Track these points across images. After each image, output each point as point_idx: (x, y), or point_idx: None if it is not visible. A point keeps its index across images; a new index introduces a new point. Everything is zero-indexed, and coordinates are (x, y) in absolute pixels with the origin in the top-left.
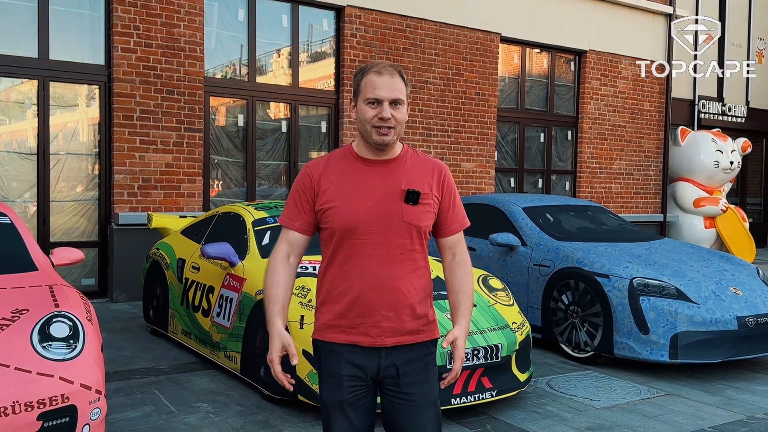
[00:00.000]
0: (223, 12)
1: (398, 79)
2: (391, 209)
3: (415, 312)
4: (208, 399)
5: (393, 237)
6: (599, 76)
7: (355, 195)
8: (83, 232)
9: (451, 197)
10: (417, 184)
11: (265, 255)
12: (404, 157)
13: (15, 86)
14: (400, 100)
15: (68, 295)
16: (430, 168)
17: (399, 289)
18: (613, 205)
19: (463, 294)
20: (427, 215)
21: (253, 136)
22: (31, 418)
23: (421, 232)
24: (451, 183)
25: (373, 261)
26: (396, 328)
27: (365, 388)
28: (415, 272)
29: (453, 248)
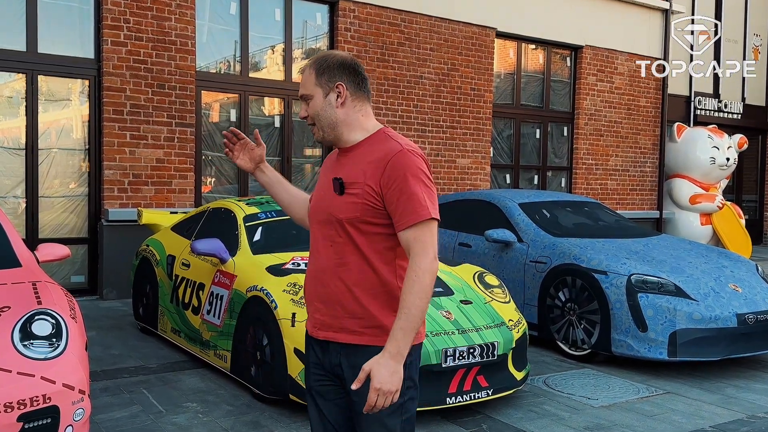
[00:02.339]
0: (215, 5)
1: (307, 73)
2: (324, 200)
3: (347, 310)
4: (198, 398)
5: (324, 229)
6: (595, 72)
7: (317, 187)
8: (73, 228)
9: (395, 185)
10: (350, 173)
11: (257, 251)
12: (364, 145)
13: (3, 80)
14: (306, 96)
15: (52, 292)
16: (378, 153)
17: (328, 283)
18: (609, 201)
19: (400, 308)
20: (352, 206)
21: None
22: (11, 420)
23: (348, 224)
24: (397, 168)
25: (313, 252)
26: (327, 322)
27: (327, 381)
28: (351, 268)
29: (407, 248)
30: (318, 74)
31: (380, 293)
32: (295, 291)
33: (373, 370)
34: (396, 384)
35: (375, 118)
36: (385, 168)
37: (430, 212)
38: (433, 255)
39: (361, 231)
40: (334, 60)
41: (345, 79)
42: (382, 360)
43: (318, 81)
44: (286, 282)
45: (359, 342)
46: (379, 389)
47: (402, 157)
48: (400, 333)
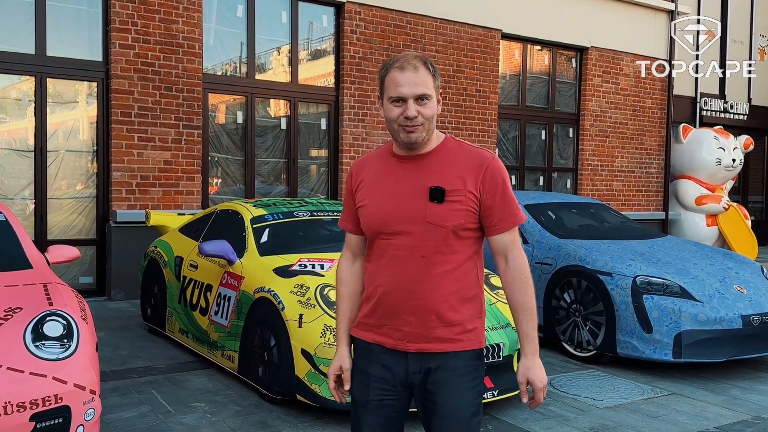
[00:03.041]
0: (222, 8)
1: (423, 72)
2: (415, 209)
3: (443, 319)
4: (206, 399)
5: (418, 238)
6: (601, 73)
7: (382, 195)
8: (81, 229)
9: (495, 191)
10: (447, 180)
11: (264, 253)
12: (441, 151)
13: (12, 83)
14: (426, 95)
15: (63, 294)
16: (470, 160)
17: (423, 294)
18: (615, 202)
19: (524, 311)
20: (456, 214)
21: (253, 134)
22: (23, 419)
23: (452, 233)
24: (495, 175)
25: (397, 262)
26: (419, 333)
27: (393, 394)
28: (445, 276)
29: (504, 251)
30: (434, 77)
31: (471, 297)
32: (302, 292)
33: (531, 375)
34: (546, 376)
35: None
36: (484, 174)
37: (524, 216)
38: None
39: (460, 237)
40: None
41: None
42: (533, 362)
43: (435, 84)
44: (293, 283)
45: (455, 349)
46: (543, 387)
47: (497, 163)
48: (533, 332)
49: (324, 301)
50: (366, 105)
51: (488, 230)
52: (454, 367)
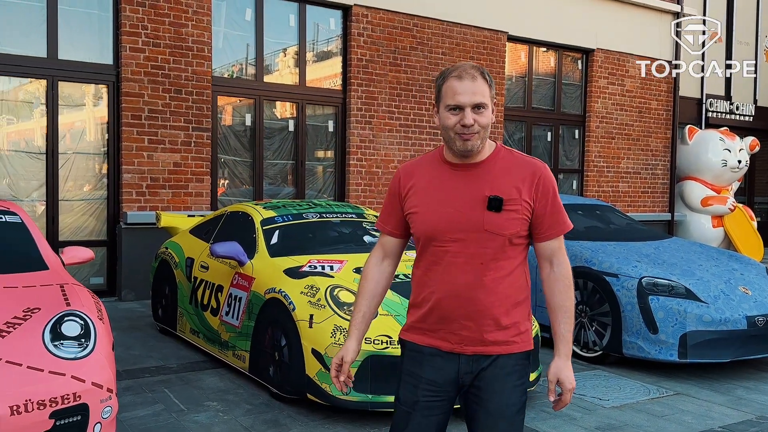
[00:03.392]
0: (231, 11)
1: (480, 82)
2: (472, 217)
3: (499, 323)
4: (218, 397)
5: (475, 246)
6: (607, 75)
7: (436, 201)
8: (92, 231)
9: (546, 200)
10: (503, 189)
11: (274, 254)
12: (494, 160)
13: (24, 86)
14: (483, 104)
15: (79, 294)
16: (524, 169)
17: (479, 299)
18: (621, 204)
19: (563, 313)
20: (513, 222)
21: (261, 136)
22: (43, 417)
23: (507, 241)
24: (547, 185)
25: (454, 269)
26: (476, 338)
27: (441, 395)
28: (500, 281)
29: (550, 257)
30: (490, 87)
31: (523, 301)
32: (312, 293)
33: (562, 376)
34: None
35: None
36: (538, 184)
37: (571, 223)
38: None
39: (514, 244)
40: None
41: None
42: (564, 363)
43: (491, 93)
44: (303, 284)
45: (509, 351)
46: (572, 389)
47: (549, 173)
48: (569, 335)
49: (334, 301)
50: (373, 107)
51: (537, 237)
52: (504, 365)
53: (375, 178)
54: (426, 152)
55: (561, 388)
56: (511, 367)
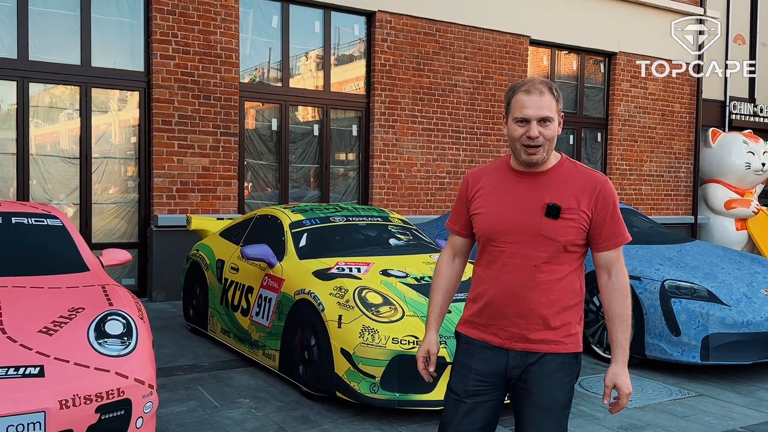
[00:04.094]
0: (258, 19)
1: (547, 97)
2: (530, 222)
3: (548, 323)
4: (249, 395)
5: (530, 249)
6: (629, 78)
7: (499, 205)
8: (124, 233)
9: (606, 212)
10: (563, 198)
11: (303, 256)
12: (557, 170)
13: (58, 92)
14: (549, 118)
15: (120, 295)
16: (585, 181)
17: (530, 299)
18: (644, 207)
19: (620, 322)
20: (568, 230)
21: (286, 140)
22: (90, 411)
23: (562, 247)
24: (607, 198)
25: (509, 269)
26: (524, 335)
27: (488, 386)
28: (552, 284)
29: (608, 267)
30: (557, 101)
31: (575, 305)
32: (341, 294)
33: (618, 381)
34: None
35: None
36: (597, 196)
37: (629, 235)
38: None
39: (568, 251)
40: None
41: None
42: (621, 369)
43: (557, 107)
44: (332, 286)
45: (557, 351)
46: (628, 393)
47: (610, 186)
48: (627, 343)
49: (362, 302)
50: (396, 111)
51: (595, 247)
52: (551, 362)
53: (398, 181)
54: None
55: (618, 392)
56: (557, 364)
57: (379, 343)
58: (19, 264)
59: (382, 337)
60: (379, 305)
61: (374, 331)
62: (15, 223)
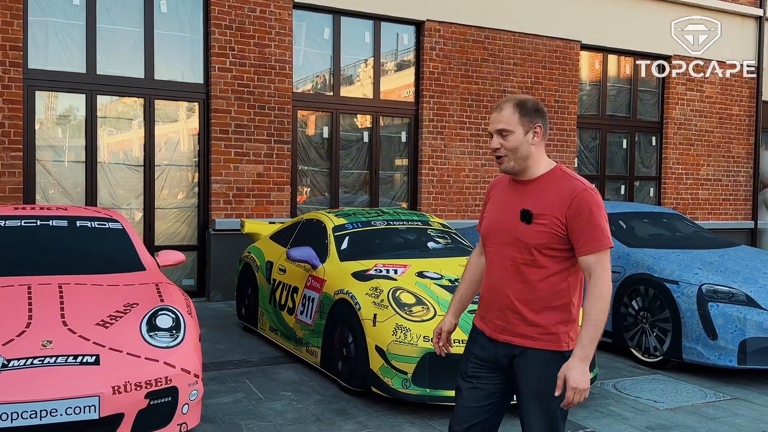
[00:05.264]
0: (310, 31)
1: (506, 112)
2: (509, 226)
3: (525, 319)
4: (292, 389)
5: (508, 250)
6: (685, 81)
7: (494, 211)
8: (184, 236)
9: (580, 219)
10: (540, 205)
11: (344, 258)
12: (544, 179)
13: (124, 104)
14: (505, 130)
15: (171, 292)
16: (563, 190)
17: (507, 295)
18: (701, 211)
19: (587, 321)
20: (540, 234)
21: (337, 147)
22: (140, 396)
23: (535, 249)
24: (581, 205)
25: (494, 268)
26: (506, 328)
27: (484, 370)
28: (532, 284)
29: (588, 270)
30: (522, 115)
31: (556, 306)
32: (376, 294)
33: (568, 373)
34: (587, 383)
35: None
36: (572, 203)
37: (610, 241)
38: (610, 276)
39: (545, 254)
40: (533, 105)
41: (541, 121)
42: (574, 364)
43: (521, 120)
44: (368, 286)
45: (535, 346)
46: (575, 388)
47: (587, 195)
48: (588, 340)
49: (396, 302)
50: (444, 118)
51: (576, 251)
52: (533, 355)
53: (446, 186)
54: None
55: (566, 385)
56: (539, 359)
57: (411, 340)
58: (81, 263)
59: (414, 335)
60: (412, 305)
61: (407, 329)
62: (79, 226)
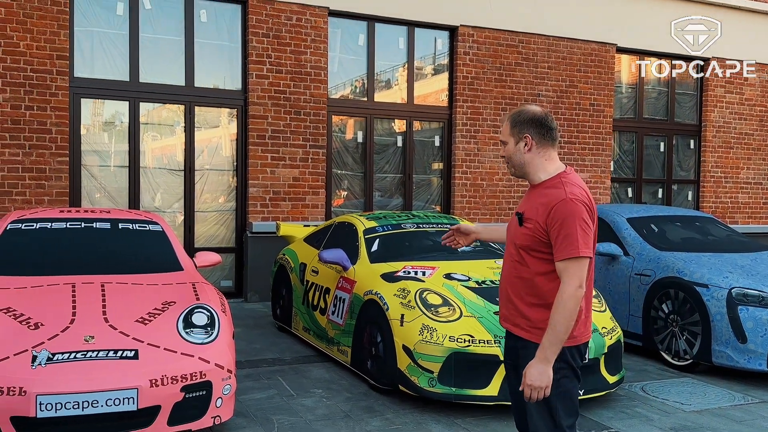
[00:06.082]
0: (345, 38)
1: (504, 124)
2: (511, 227)
3: (518, 309)
4: (323, 386)
5: (509, 248)
6: (723, 84)
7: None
8: (223, 239)
9: (555, 226)
10: (530, 210)
11: (374, 260)
12: (543, 185)
13: (166, 110)
14: (502, 141)
15: (207, 291)
16: (549, 198)
17: (507, 289)
18: (740, 215)
19: (549, 323)
20: (525, 236)
21: (371, 151)
22: (176, 390)
23: (522, 249)
24: (557, 214)
25: (503, 263)
26: (506, 315)
27: (510, 359)
28: (525, 281)
29: (559, 275)
30: (512, 126)
31: (543, 305)
32: (403, 295)
33: (527, 371)
34: (544, 381)
35: (558, 161)
36: (551, 211)
37: (580, 251)
38: (577, 284)
39: (531, 255)
40: (525, 115)
41: (531, 131)
42: (533, 363)
43: (512, 131)
44: (396, 287)
45: (526, 337)
46: (531, 385)
47: (564, 205)
48: (547, 343)
49: (423, 303)
50: (478, 122)
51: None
52: (532, 347)
53: (479, 190)
54: None
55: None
56: (531, 350)
57: (437, 340)
58: (123, 264)
59: (440, 335)
60: (439, 306)
61: (433, 329)
62: (121, 228)
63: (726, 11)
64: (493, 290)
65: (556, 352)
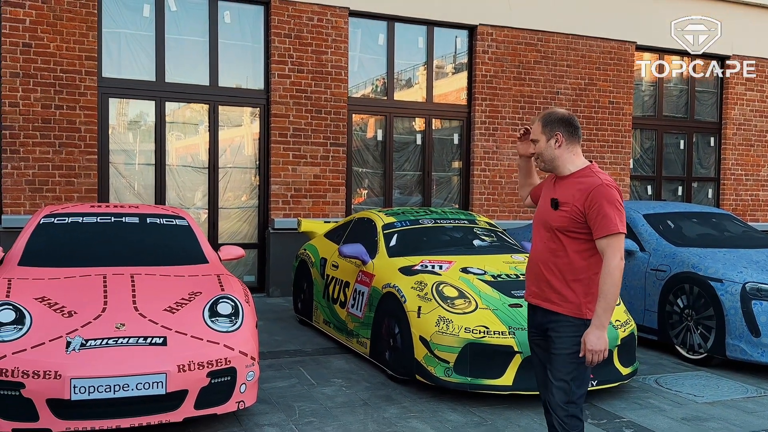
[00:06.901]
0: (365, 37)
1: (535, 124)
2: (543, 212)
3: (551, 286)
4: (342, 376)
5: (542, 230)
6: (744, 81)
7: (540, 202)
8: (245, 235)
9: (593, 208)
10: (565, 195)
11: (392, 255)
12: (574, 176)
13: (191, 110)
14: (533, 139)
15: (231, 283)
16: (585, 185)
17: (539, 267)
18: (762, 212)
19: (599, 293)
20: (561, 219)
21: (391, 149)
22: (202, 375)
23: (558, 230)
24: (595, 197)
25: (534, 246)
26: (537, 293)
27: (536, 336)
28: (557, 259)
29: (602, 251)
30: (543, 126)
31: (577, 279)
32: (420, 288)
33: (586, 338)
34: (602, 345)
35: (583, 157)
36: (588, 195)
37: (618, 227)
38: (620, 256)
39: (567, 236)
40: (555, 116)
41: (562, 129)
42: (591, 330)
43: (543, 130)
44: (413, 281)
45: (558, 310)
46: (592, 350)
47: (602, 189)
48: (601, 310)
49: (439, 295)
50: (496, 120)
51: (594, 235)
52: (558, 320)
53: (498, 187)
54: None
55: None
56: (562, 322)
57: (453, 331)
58: (151, 256)
59: (456, 326)
60: (455, 298)
61: (449, 321)
62: (149, 223)
63: (745, 9)
64: (508, 284)
65: (609, 318)
